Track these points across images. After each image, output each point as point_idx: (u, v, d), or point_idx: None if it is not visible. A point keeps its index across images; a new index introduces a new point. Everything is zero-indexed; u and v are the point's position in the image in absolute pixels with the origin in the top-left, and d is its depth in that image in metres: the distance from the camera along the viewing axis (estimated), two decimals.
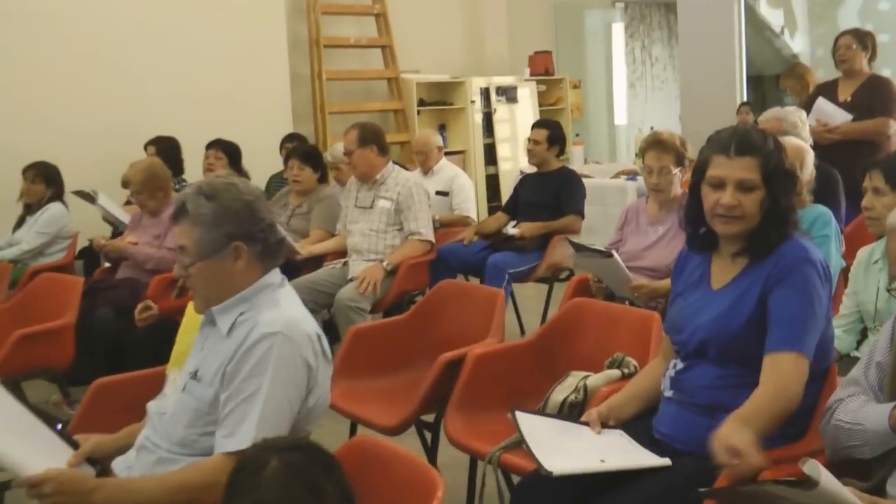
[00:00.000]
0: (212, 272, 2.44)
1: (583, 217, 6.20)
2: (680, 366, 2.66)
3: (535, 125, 6.47)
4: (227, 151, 6.81)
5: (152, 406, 2.59)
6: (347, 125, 5.90)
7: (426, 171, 7.00)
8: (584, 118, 12.03)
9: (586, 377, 3.11)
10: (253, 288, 2.47)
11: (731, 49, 10.71)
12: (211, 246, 2.42)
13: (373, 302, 5.38)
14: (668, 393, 2.66)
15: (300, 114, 9.34)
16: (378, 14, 9.77)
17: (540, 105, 10.92)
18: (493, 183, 10.43)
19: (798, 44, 12.87)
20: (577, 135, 10.82)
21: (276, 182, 7.35)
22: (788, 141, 3.97)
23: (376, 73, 9.89)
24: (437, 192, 6.81)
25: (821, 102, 6.05)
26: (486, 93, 10.40)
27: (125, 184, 6.17)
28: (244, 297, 2.46)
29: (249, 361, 2.32)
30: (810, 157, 4.04)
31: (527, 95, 10.73)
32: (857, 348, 3.49)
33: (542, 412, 3.01)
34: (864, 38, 6.13)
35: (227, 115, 8.07)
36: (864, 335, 3.50)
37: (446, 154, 9.97)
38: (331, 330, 5.39)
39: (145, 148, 7.10)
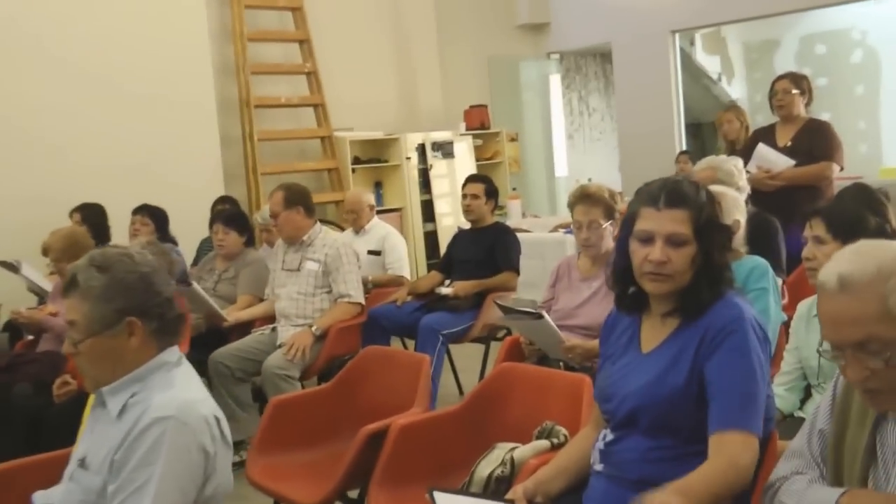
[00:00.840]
0: (103, 350, 2.25)
1: (518, 273, 6.03)
2: (609, 437, 2.48)
3: (470, 179, 6.32)
4: (154, 216, 6.59)
5: (38, 498, 2.36)
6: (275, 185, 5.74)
7: (357, 230, 6.82)
8: (523, 171, 11.94)
9: (513, 449, 2.92)
10: (146, 367, 2.28)
11: (668, 96, 10.75)
12: (102, 322, 2.24)
13: (302, 369, 5.18)
14: (598, 467, 2.48)
15: (233, 175, 9.13)
16: (309, 72, 9.62)
17: (477, 159, 10.80)
18: (431, 240, 10.27)
19: (736, 90, 12.94)
20: (513, 189, 10.71)
21: (207, 246, 7.12)
22: (714, 189, 3.86)
23: (309, 132, 9.72)
24: (370, 252, 6.63)
25: (762, 148, 5.97)
26: (421, 149, 10.27)
27: (45, 251, 5.90)
28: (137, 376, 2.27)
29: (139, 449, 2.11)
30: (739, 205, 3.92)
31: (464, 150, 10.61)
32: (801, 407, 3.34)
33: (465, 490, 2.82)
34: (800, 82, 6.07)
35: (155, 180, 7.86)
36: (807, 393, 3.36)
37: (383, 212, 9.92)
38: (261, 399, 5.19)
39: (70, 215, 6.86)
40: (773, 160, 5.86)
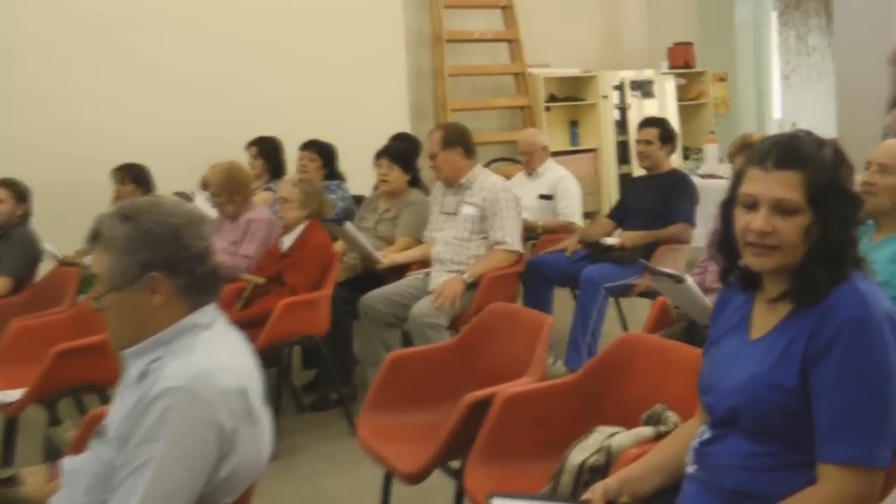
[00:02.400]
0: (125, 306, 2.05)
1: (693, 225, 5.60)
2: (707, 434, 2.13)
3: (644, 123, 5.89)
4: (322, 152, 6.49)
5: (66, 463, 2.23)
6: (472, 123, 5.47)
7: (530, 172, 6.51)
8: (732, 113, 11.25)
9: (613, 434, 2.60)
10: (173, 329, 2.06)
11: (892, 36, 9.80)
12: (123, 276, 2.03)
13: (451, 318, 4.96)
14: (691, 468, 2.14)
15: (422, 111, 9.00)
16: (505, 6, 9.31)
17: (680, 100, 10.25)
18: (626, 183, 9.83)
19: None
20: (711, 132, 10.08)
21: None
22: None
23: (501, 67, 9.43)
24: (541, 196, 6.34)
25: None
26: (620, 87, 9.81)
27: (204, 186, 5.93)
28: (162, 339, 2.06)
29: (145, 422, 1.91)
30: None
31: (665, 89, 10.07)
32: None
33: (556, 477, 2.53)
34: None
35: (337, 116, 7.75)
36: None
37: (577, 152, 9.58)
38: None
39: (246, 148, 6.88)
40: None
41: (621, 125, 9.88)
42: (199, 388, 1.94)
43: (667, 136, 5.72)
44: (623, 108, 9.86)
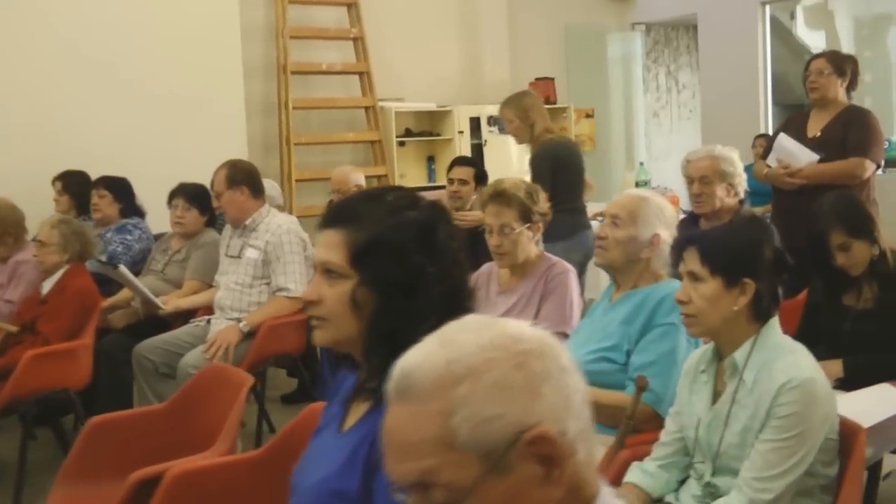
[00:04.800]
0: None
1: None
2: None
3: (456, 162, 5.63)
4: (113, 188, 5.98)
5: None
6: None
7: None
8: (599, 151, 11.08)
9: None
10: None
11: (755, 74, 9.75)
12: None
13: None
14: None
15: (270, 144, 8.67)
16: (355, 38, 9.01)
17: None
18: None
19: None
20: None
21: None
22: (634, 196, 3.12)
23: (349, 101, 9.12)
24: None
25: (783, 139, 5.10)
26: (476, 122, 9.57)
27: None
28: None
29: None
30: (664, 215, 3.13)
31: None
32: (676, 490, 2.57)
33: None
34: (841, 63, 5.16)
35: (170, 147, 7.35)
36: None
37: (435, 188, 9.30)
38: None
39: (52, 184, 6.45)
40: (794, 153, 4.97)
41: (479, 161, 9.61)
42: None
43: (482, 177, 5.47)
44: (480, 144, 9.61)
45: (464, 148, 9.46)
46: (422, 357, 1.19)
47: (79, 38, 7.17)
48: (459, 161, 5.67)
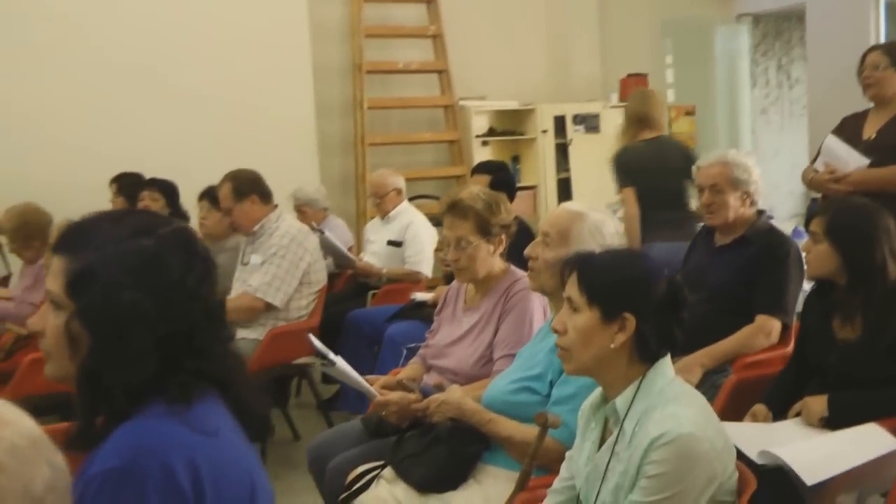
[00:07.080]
0: None
1: None
2: None
3: (476, 169, 5.34)
4: (163, 190, 6.04)
5: None
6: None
7: (382, 215, 5.97)
8: (700, 150, 10.55)
9: None
10: None
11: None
12: None
13: None
14: None
15: (344, 145, 8.55)
16: (434, 36, 8.81)
17: None
18: None
19: None
20: None
21: None
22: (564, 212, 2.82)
23: (427, 100, 8.90)
24: (389, 242, 5.80)
25: (831, 141, 4.63)
26: (561, 121, 9.23)
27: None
28: None
29: None
30: (602, 232, 2.79)
31: (612, 123, 9.44)
32: None
33: None
34: None
35: (240, 150, 7.25)
36: None
37: (519, 189, 9.01)
38: None
39: (109, 185, 6.50)
40: (842, 157, 4.49)
41: (565, 161, 9.30)
42: None
43: (501, 183, 5.15)
44: (565, 144, 9.27)
45: (547, 147, 9.18)
46: None
47: (142, 46, 7.25)
48: (479, 168, 5.36)
